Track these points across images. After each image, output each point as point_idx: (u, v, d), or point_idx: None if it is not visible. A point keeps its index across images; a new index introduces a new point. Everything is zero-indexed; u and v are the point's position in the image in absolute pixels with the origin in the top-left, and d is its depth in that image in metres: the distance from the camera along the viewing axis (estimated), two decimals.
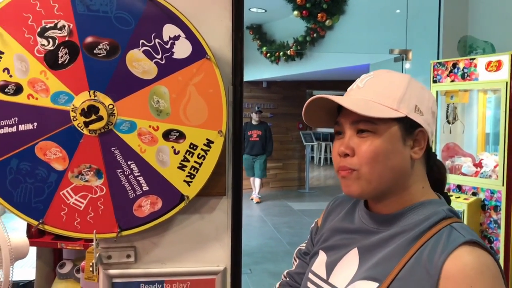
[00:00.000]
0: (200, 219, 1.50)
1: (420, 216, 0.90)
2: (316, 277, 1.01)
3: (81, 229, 1.36)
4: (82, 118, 1.31)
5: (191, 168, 1.38)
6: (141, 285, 1.47)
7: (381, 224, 0.94)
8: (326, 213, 1.13)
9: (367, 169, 0.89)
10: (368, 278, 0.88)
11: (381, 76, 0.94)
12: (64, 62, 1.29)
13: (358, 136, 0.90)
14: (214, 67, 1.35)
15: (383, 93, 0.90)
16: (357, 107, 0.87)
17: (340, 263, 0.97)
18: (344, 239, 1.00)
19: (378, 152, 0.88)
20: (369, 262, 0.91)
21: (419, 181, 0.94)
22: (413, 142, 0.91)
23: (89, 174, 1.34)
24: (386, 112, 0.88)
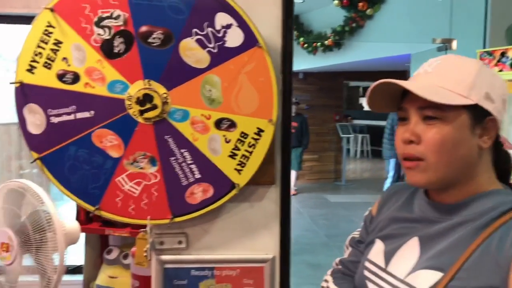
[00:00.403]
0: (249, 207, 1.51)
1: (486, 205, 0.88)
2: (373, 265, 1.00)
3: (136, 215, 1.39)
4: (137, 107, 1.33)
5: (242, 156, 1.39)
6: (192, 271, 1.49)
7: (444, 214, 0.92)
8: (381, 201, 1.11)
9: (433, 157, 0.87)
10: (432, 267, 0.87)
11: (451, 61, 0.91)
12: (120, 51, 1.32)
13: (424, 122, 0.88)
14: (265, 55, 1.35)
15: (453, 79, 0.87)
16: (426, 92, 0.84)
17: (399, 251, 0.96)
18: (403, 228, 0.98)
19: (446, 140, 0.86)
20: (431, 251, 0.89)
21: (485, 171, 0.92)
22: (481, 131, 0.88)
23: (144, 162, 1.37)
24: (456, 99, 0.85)
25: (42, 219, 1.56)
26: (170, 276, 1.49)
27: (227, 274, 1.49)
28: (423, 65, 0.94)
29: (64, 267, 1.60)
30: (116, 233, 2.39)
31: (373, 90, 0.92)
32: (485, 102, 0.87)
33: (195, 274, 1.49)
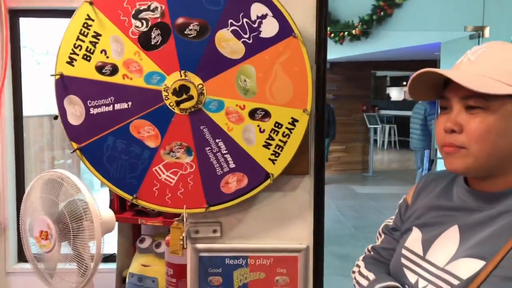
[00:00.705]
0: (283, 197, 1.52)
1: None
2: (411, 253, 0.99)
3: (172, 204, 1.42)
4: (173, 97, 1.35)
5: (276, 146, 1.40)
6: (226, 259, 1.51)
7: (485, 202, 0.91)
8: (417, 189, 1.10)
9: (476, 147, 0.85)
10: (473, 256, 0.86)
11: (495, 48, 0.89)
12: (157, 43, 1.34)
13: (467, 112, 0.87)
14: (300, 45, 1.35)
15: (497, 67, 0.85)
16: (469, 82, 0.83)
17: (438, 240, 0.95)
18: (442, 217, 0.97)
19: (490, 130, 0.84)
20: (472, 240, 0.88)
21: None
22: None
23: (180, 152, 1.39)
24: (501, 88, 0.83)
25: (79, 208, 1.61)
26: (204, 264, 1.51)
27: (260, 263, 1.51)
28: (466, 53, 0.92)
29: (100, 255, 1.65)
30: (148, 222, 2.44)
31: (415, 78, 0.91)
32: None
33: (229, 263, 1.51)
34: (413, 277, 0.96)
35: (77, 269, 1.68)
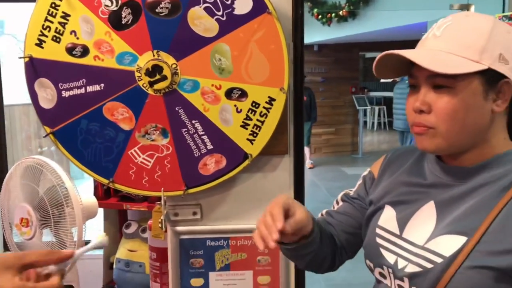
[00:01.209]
0: (262, 177, 1.51)
1: (505, 167, 0.85)
2: (386, 232, 0.97)
3: (149, 187, 1.40)
4: (147, 78, 1.32)
5: (254, 126, 1.38)
6: (208, 241, 1.50)
7: (460, 177, 0.89)
8: (384, 164, 1.08)
9: (445, 127, 0.84)
10: (454, 232, 0.85)
11: (461, 21, 0.86)
12: (128, 22, 1.31)
13: (434, 91, 0.85)
14: (275, 22, 1.32)
15: (463, 43, 0.83)
16: (433, 63, 0.81)
17: (414, 217, 0.93)
18: (415, 193, 0.95)
19: (457, 109, 0.83)
20: (450, 217, 0.87)
21: (500, 133, 0.89)
22: (495, 95, 0.85)
23: (155, 134, 1.37)
24: (467, 66, 0.81)
25: (59, 194, 1.59)
26: (186, 246, 1.50)
27: (242, 244, 1.50)
28: (432, 27, 0.89)
29: (82, 241, 1.63)
30: (133, 207, 2.43)
31: (379, 60, 0.89)
32: (498, 65, 0.82)
33: (210, 245, 1.50)
34: (391, 257, 0.93)
35: None
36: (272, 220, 0.87)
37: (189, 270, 1.51)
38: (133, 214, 2.55)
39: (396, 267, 0.91)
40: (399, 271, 0.90)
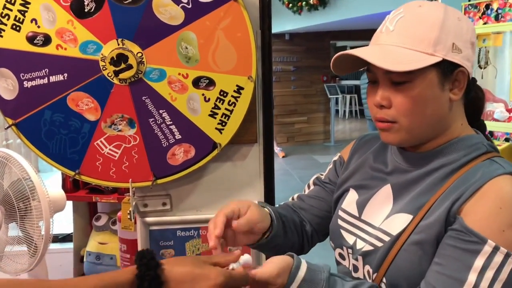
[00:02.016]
0: (232, 166, 1.50)
1: (459, 151, 0.89)
2: (347, 215, 1.01)
3: (117, 178, 1.38)
4: (111, 67, 1.29)
5: (222, 115, 1.37)
6: (178, 232, 1.49)
7: (417, 163, 0.92)
8: (352, 149, 1.11)
9: (406, 121, 0.86)
10: (403, 211, 0.88)
11: (413, 13, 0.86)
12: (91, 10, 1.27)
13: (393, 85, 0.86)
14: (242, 9, 1.31)
15: (416, 36, 0.84)
16: (386, 61, 0.81)
17: (372, 200, 0.97)
18: (376, 177, 0.99)
19: (416, 103, 0.85)
20: (405, 198, 0.90)
21: (457, 119, 0.91)
22: (451, 84, 0.87)
23: (122, 124, 1.34)
24: (421, 60, 0.82)
25: (25, 188, 1.55)
26: (155, 237, 1.49)
27: None
28: (385, 21, 0.89)
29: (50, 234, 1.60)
30: (103, 199, 2.40)
31: (336, 60, 0.90)
32: (452, 55, 0.84)
33: (181, 235, 1.49)
34: (351, 238, 0.97)
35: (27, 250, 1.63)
36: (213, 227, 0.91)
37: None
38: (103, 206, 2.52)
39: (355, 248, 0.95)
40: (356, 251, 0.94)
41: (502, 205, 0.78)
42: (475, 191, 0.80)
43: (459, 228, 0.79)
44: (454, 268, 0.78)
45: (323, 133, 10.31)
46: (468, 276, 0.77)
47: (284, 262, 0.82)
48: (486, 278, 0.76)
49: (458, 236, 0.79)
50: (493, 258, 0.76)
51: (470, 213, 0.80)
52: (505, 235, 0.77)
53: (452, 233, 0.80)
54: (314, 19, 7.72)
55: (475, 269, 0.76)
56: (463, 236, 0.79)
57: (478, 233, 0.77)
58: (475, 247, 0.77)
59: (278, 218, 1.04)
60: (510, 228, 0.77)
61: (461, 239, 0.79)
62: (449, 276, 0.78)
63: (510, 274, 0.76)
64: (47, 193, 1.54)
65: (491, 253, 0.76)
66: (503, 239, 0.76)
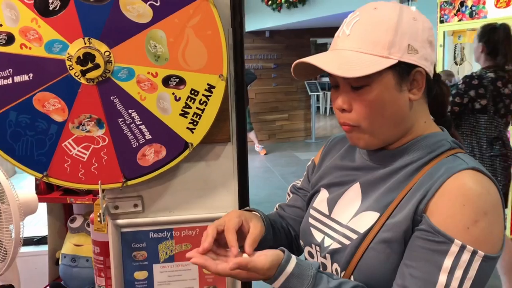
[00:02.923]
0: (205, 166, 1.49)
1: (424, 148, 0.90)
2: (318, 213, 1.02)
3: (86, 180, 1.35)
4: (78, 67, 1.26)
5: (194, 114, 1.35)
6: (150, 233, 1.47)
7: (384, 160, 0.93)
8: (324, 151, 1.12)
9: (367, 124, 0.87)
10: (371, 209, 0.89)
11: (368, 15, 0.87)
12: (56, 8, 1.24)
13: (352, 90, 0.87)
14: (211, 7, 1.29)
15: (371, 40, 0.85)
16: (339, 68, 0.83)
17: (341, 198, 0.98)
18: (345, 176, 1.00)
19: (374, 105, 0.86)
20: (373, 196, 0.91)
21: (420, 117, 0.92)
22: (410, 85, 0.87)
23: (90, 124, 1.31)
24: (376, 64, 0.83)
25: None
26: (127, 240, 1.47)
27: (186, 234, 1.48)
28: (342, 24, 0.91)
29: (20, 238, 1.56)
30: (78, 201, 2.35)
31: (296, 67, 0.92)
32: (407, 56, 0.85)
33: (153, 237, 1.47)
34: (319, 236, 0.98)
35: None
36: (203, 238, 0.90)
37: (132, 263, 1.48)
38: (78, 207, 2.47)
39: (322, 245, 0.96)
40: (324, 249, 0.95)
41: (465, 202, 0.78)
42: (439, 187, 0.81)
43: (427, 228, 0.80)
44: (425, 270, 0.79)
45: (304, 130, 10.34)
46: (439, 277, 0.77)
47: (276, 255, 0.84)
48: (455, 278, 0.76)
49: (426, 237, 0.80)
50: (460, 257, 0.77)
51: (436, 212, 0.80)
52: (470, 232, 0.77)
53: (420, 233, 0.81)
54: (293, 16, 7.73)
55: (445, 270, 0.77)
56: (431, 237, 0.79)
57: (444, 232, 0.78)
58: (443, 248, 0.78)
59: (268, 222, 1.05)
60: (475, 224, 0.78)
61: (429, 239, 0.79)
62: (421, 279, 0.79)
63: (479, 271, 0.77)
64: (17, 196, 1.51)
65: (458, 252, 0.77)
66: (469, 237, 0.77)
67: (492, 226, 0.79)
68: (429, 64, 0.88)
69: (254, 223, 0.95)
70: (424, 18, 0.89)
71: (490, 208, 0.79)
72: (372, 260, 0.85)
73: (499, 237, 0.80)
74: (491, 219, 0.79)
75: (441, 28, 4.14)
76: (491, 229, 0.79)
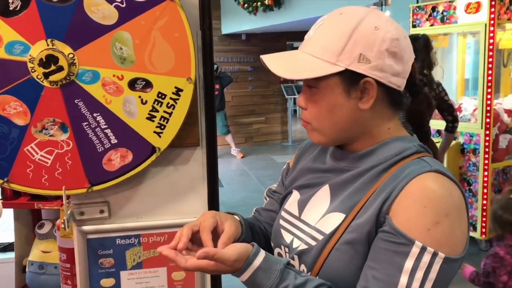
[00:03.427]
0: (174, 171, 1.46)
1: (391, 151, 0.90)
2: (288, 214, 1.02)
3: (50, 185, 1.31)
4: (40, 69, 1.23)
5: (161, 118, 1.33)
6: (117, 240, 1.44)
7: (353, 162, 0.94)
8: (298, 155, 1.14)
9: (316, 123, 0.91)
10: (337, 210, 0.90)
11: (331, 21, 0.90)
12: (16, 9, 1.20)
13: (308, 89, 0.91)
14: (178, 9, 1.27)
15: (324, 45, 0.87)
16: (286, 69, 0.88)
17: (311, 200, 0.98)
18: (316, 178, 1.01)
19: (321, 107, 0.89)
20: (340, 197, 0.92)
21: (382, 124, 0.93)
22: (360, 93, 0.88)
23: (54, 129, 1.28)
24: (320, 69, 0.85)
25: None
26: (94, 246, 1.43)
27: (154, 240, 1.45)
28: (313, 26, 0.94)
29: None
30: (46, 206, 2.30)
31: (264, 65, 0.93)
32: (357, 65, 0.85)
33: (120, 243, 1.44)
34: (288, 237, 0.98)
35: None
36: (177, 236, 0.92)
37: (99, 270, 1.44)
38: (47, 213, 2.41)
39: (291, 246, 0.96)
40: (293, 250, 0.95)
41: (427, 204, 0.79)
42: (402, 188, 0.82)
43: (389, 229, 0.81)
44: (387, 272, 0.79)
45: (281, 133, 10.37)
46: (400, 278, 0.78)
47: (245, 248, 0.85)
48: (416, 279, 0.77)
49: (389, 239, 0.80)
50: (421, 258, 0.77)
51: (398, 213, 0.81)
52: (431, 234, 0.78)
53: (383, 235, 0.81)
54: (269, 20, 7.74)
55: (406, 271, 0.78)
56: (393, 238, 0.80)
57: (406, 234, 0.78)
58: (405, 249, 0.78)
59: (247, 224, 1.07)
60: (435, 226, 0.78)
61: (391, 241, 0.80)
62: (383, 280, 0.79)
63: (440, 272, 0.77)
64: None
65: (419, 254, 0.77)
66: (430, 238, 0.78)
67: (453, 228, 0.80)
68: (388, 75, 0.87)
69: (229, 224, 0.96)
70: (389, 28, 0.87)
71: (451, 210, 0.80)
72: (336, 261, 0.86)
73: (462, 239, 0.81)
74: (453, 221, 0.80)
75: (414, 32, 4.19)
76: (453, 231, 0.80)
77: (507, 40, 4.00)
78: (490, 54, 3.65)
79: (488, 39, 3.63)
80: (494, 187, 3.90)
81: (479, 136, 3.83)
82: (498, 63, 4.04)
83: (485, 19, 3.63)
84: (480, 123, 3.81)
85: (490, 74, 3.68)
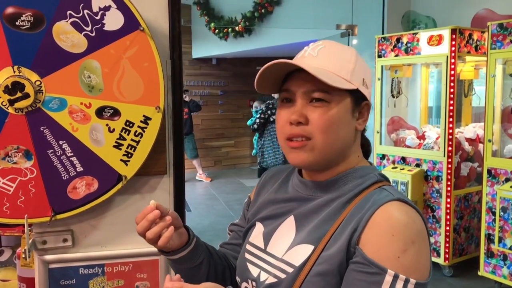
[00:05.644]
0: (141, 199, 1.45)
1: (354, 181, 0.93)
2: (253, 247, 1.01)
3: (11, 214, 1.28)
4: (6, 96, 1.21)
5: (128, 146, 1.33)
6: (81, 269, 1.41)
7: (317, 191, 0.95)
8: (259, 187, 1.13)
9: (321, 137, 0.89)
10: (305, 242, 0.90)
11: (332, 46, 0.95)
12: None
13: (310, 104, 0.90)
14: (148, 39, 1.29)
15: (337, 64, 0.91)
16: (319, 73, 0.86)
17: (277, 232, 0.98)
18: (280, 208, 1.00)
19: (332, 121, 0.89)
20: (306, 228, 0.92)
21: (356, 151, 0.97)
22: (359, 114, 0.94)
23: (17, 156, 1.26)
24: (343, 83, 0.88)
25: None
26: (55, 276, 1.39)
27: (118, 270, 1.43)
28: (305, 49, 0.95)
29: None
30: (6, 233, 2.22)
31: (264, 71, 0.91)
32: (363, 88, 0.92)
33: (83, 273, 1.41)
34: (255, 271, 0.97)
35: None
36: None
37: None
38: (7, 239, 2.33)
39: (258, 280, 0.95)
40: (260, 284, 0.94)
41: (394, 232, 0.81)
42: (368, 219, 0.83)
43: (361, 260, 0.82)
44: None
45: (250, 156, 10.38)
46: None
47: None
48: None
49: (361, 269, 0.81)
50: (395, 286, 0.79)
51: (367, 243, 0.82)
52: (401, 261, 0.80)
53: (355, 266, 0.83)
54: (240, 46, 7.85)
55: None
56: (365, 269, 0.81)
57: (378, 263, 0.80)
58: (378, 278, 0.80)
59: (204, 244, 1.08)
60: (404, 254, 0.80)
61: (364, 271, 0.81)
62: None
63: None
64: None
65: (392, 282, 0.79)
66: (400, 266, 0.80)
67: (419, 254, 0.82)
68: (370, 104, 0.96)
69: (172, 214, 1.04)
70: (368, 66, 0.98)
71: (416, 237, 0.83)
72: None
73: (427, 264, 0.84)
74: (418, 247, 0.82)
75: (379, 62, 4.32)
76: (419, 257, 0.82)
77: (467, 72, 4.16)
78: (452, 85, 3.79)
79: (450, 70, 3.78)
80: (457, 213, 4.00)
81: (442, 164, 3.94)
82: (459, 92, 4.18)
83: (447, 51, 3.79)
84: (442, 151, 3.93)
85: (452, 104, 3.82)
